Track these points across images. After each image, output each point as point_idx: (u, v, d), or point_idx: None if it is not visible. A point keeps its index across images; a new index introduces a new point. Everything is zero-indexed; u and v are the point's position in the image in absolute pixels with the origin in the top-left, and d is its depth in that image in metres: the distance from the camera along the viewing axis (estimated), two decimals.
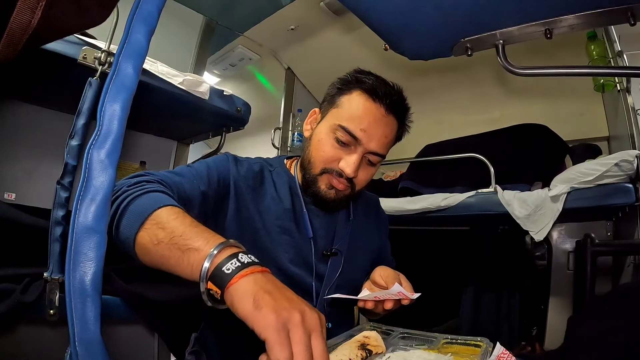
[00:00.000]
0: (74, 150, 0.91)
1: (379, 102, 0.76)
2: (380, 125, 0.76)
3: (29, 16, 0.31)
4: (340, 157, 0.77)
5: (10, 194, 1.25)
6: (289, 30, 2.19)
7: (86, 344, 0.33)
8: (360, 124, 0.75)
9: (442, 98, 2.37)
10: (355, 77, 0.80)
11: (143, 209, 0.52)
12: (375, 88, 0.76)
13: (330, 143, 0.77)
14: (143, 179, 0.61)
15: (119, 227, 0.53)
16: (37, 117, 1.33)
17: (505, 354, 0.53)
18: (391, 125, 0.79)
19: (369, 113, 0.75)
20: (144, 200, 0.54)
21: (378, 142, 0.76)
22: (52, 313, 0.92)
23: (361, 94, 0.77)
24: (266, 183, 0.83)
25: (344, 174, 0.76)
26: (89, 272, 0.33)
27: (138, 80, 0.37)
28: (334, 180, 0.78)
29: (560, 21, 0.71)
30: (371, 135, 0.75)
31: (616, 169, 1.21)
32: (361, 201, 0.97)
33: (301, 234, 0.82)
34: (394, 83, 0.82)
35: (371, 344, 0.56)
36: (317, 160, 0.79)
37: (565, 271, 1.67)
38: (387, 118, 0.77)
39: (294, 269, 0.79)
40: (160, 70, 1.13)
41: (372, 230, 0.97)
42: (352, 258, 0.87)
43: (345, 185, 0.78)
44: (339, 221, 0.88)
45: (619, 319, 0.68)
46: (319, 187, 0.79)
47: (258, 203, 0.80)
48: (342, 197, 0.81)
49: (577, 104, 1.85)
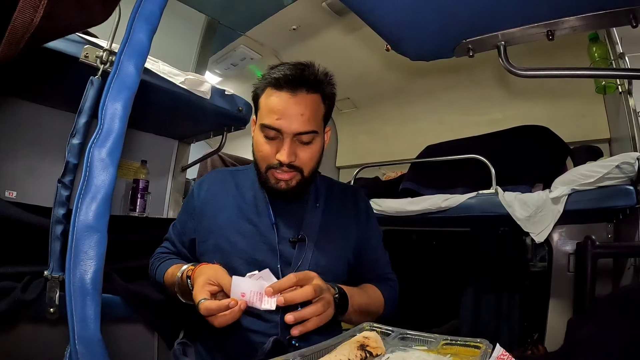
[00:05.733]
0: (75, 149, 0.91)
1: (283, 89, 0.81)
2: (292, 107, 0.81)
3: (31, 14, 0.31)
4: (274, 151, 0.83)
5: (11, 191, 1.25)
6: (290, 30, 2.19)
7: (86, 342, 0.33)
8: (274, 115, 0.81)
9: (444, 99, 2.37)
10: (263, 76, 0.87)
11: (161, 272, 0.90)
12: (276, 79, 0.82)
13: (262, 142, 0.84)
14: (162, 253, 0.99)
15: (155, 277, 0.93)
16: (39, 115, 1.33)
17: (505, 355, 0.53)
18: (305, 101, 0.82)
19: (278, 102, 0.81)
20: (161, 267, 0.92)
21: (298, 122, 0.81)
22: (52, 311, 0.92)
23: (269, 90, 0.83)
24: (228, 186, 0.95)
25: (283, 163, 0.82)
26: (89, 271, 0.33)
27: (139, 79, 0.37)
28: (277, 173, 0.84)
29: (562, 23, 0.71)
30: (289, 121, 0.80)
31: (617, 171, 1.21)
32: (336, 191, 1.00)
33: (265, 223, 0.88)
34: (304, 62, 0.86)
35: (371, 345, 0.56)
36: (260, 161, 0.87)
37: (565, 273, 1.67)
38: (296, 98, 0.81)
39: (260, 255, 0.85)
40: (162, 70, 1.13)
41: (349, 218, 0.97)
42: (325, 245, 0.89)
43: (289, 173, 0.84)
44: (307, 209, 0.92)
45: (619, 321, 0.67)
46: (270, 183, 0.86)
47: (220, 205, 0.92)
48: (296, 184, 0.86)
49: (578, 106, 1.85)
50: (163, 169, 1.72)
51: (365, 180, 2.24)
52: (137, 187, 1.48)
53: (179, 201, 1.77)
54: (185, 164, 1.79)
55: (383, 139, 2.72)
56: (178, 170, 1.76)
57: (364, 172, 2.19)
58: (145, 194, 1.49)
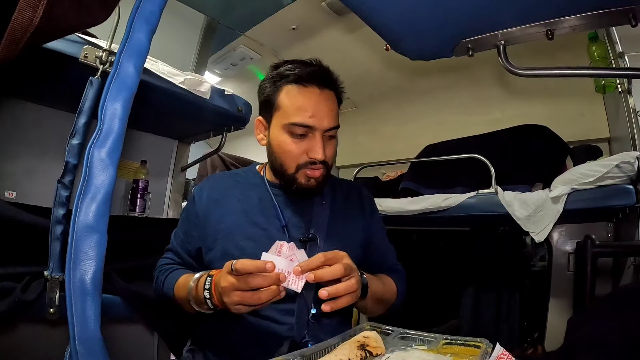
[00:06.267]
0: (74, 149, 0.91)
1: (310, 85, 0.81)
2: (322, 103, 0.81)
3: (30, 15, 0.31)
4: (305, 149, 0.82)
5: (10, 192, 1.25)
6: (290, 30, 2.19)
7: (86, 343, 0.33)
8: (306, 112, 0.80)
9: (443, 98, 2.37)
10: (278, 75, 0.85)
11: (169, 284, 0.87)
12: (299, 75, 0.81)
13: (290, 141, 0.82)
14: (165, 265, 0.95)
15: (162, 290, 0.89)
16: (38, 115, 1.33)
17: (505, 355, 0.53)
18: (330, 97, 0.84)
19: (308, 99, 0.81)
20: (169, 278, 0.89)
21: (328, 118, 0.82)
22: (52, 312, 0.92)
23: (291, 87, 0.82)
24: (230, 190, 0.92)
25: (317, 160, 0.81)
26: (89, 271, 0.33)
27: (139, 79, 0.37)
28: (309, 171, 0.83)
29: (561, 22, 0.71)
30: (321, 117, 0.80)
31: (617, 170, 1.21)
32: (340, 188, 1.00)
33: (274, 225, 0.86)
34: (310, 59, 0.86)
35: (371, 345, 0.56)
36: (289, 161, 0.83)
37: (565, 272, 1.67)
38: (323, 93, 0.82)
39: None
40: (162, 70, 1.13)
41: (355, 214, 0.97)
42: (334, 242, 0.87)
43: (320, 170, 0.84)
44: (314, 208, 0.91)
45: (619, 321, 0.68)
46: (300, 183, 0.84)
47: (224, 209, 0.88)
48: (323, 179, 0.86)
49: (578, 105, 1.85)
50: (163, 169, 1.72)
51: (365, 180, 2.24)
52: (137, 187, 1.48)
53: (178, 201, 1.77)
54: (185, 164, 1.79)
55: (383, 139, 2.72)
56: (178, 170, 1.76)
57: (364, 172, 2.19)
58: (145, 194, 1.49)
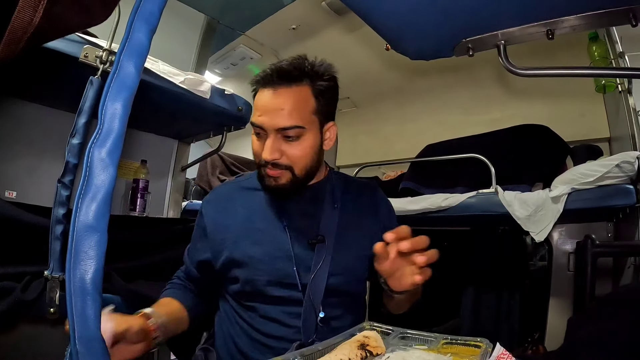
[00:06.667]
0: (74, 149, 0.91)
1: (267, 86, 0.81)
2: (272, 103, 0.80)
3: (30, 14, 0.31)
4: (262, 148, 0.83)
5: (11, 192, 1.25)
6: (290, 29, 2.19)
7: (86, 342, 0.33)
8: (257, 111, 0.82)
9: (443, 98, 2.37)
10: (253, 79, 0.86)
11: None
12: (260, 78, 0.83)
13: (254, 140, 0.85)
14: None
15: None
16: (38, 115, 1.33)
17: (505, 355, 0.53)
18: (286, 95, 0.80)
19: (260, 100, 0.82)
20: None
21: (278, 117, 0.79)
22: (52, 311, 0.92)
23: (258, 91, 0.84)
24: (235, 196, 0.93)
25: (263, 160, 0.82)
26: (89, 271, 0.33)
27: (139, 79, 0.37)
28: (265, 170, 0.83)
29: (561, 22, 0.71)
30: (270, 116, 0.80)
31: (617, 170, 1.21)
32: (353, 188, 0.98)
33: (276, 227, 0.86)
34: (293, 56, 0.86)
35: (371, 344, 0.56)
36: (255, 160, 0.87)
37: (565, 272, 1.67)
38: (276, 92, 0.80)
39: (278, 262, 0.83)
40: (162, 69, 1.13)
41: (367, 216, 0.95)
42: (345, 244, 0.87)
43: (275, 171, 0.82)
44: (324, 210, 0.89)
45: (619, 321, 0.68)
46: (264, 182, 0.85)
47: (230, 216, 0.89)
48: (287, 183, 0.83)
49: (578, 105, 1.85)
50: (163, 169, 1.72)
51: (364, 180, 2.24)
52: (137, 187, 1.48)
53: (178, 201, 1.77)
54: (185, 163, 1.79)
55: (383, 139, 2.72)
56: (178, 170, 1.76)
57: (364, 172, 2.19)
58: (145, 193, 1.49)
